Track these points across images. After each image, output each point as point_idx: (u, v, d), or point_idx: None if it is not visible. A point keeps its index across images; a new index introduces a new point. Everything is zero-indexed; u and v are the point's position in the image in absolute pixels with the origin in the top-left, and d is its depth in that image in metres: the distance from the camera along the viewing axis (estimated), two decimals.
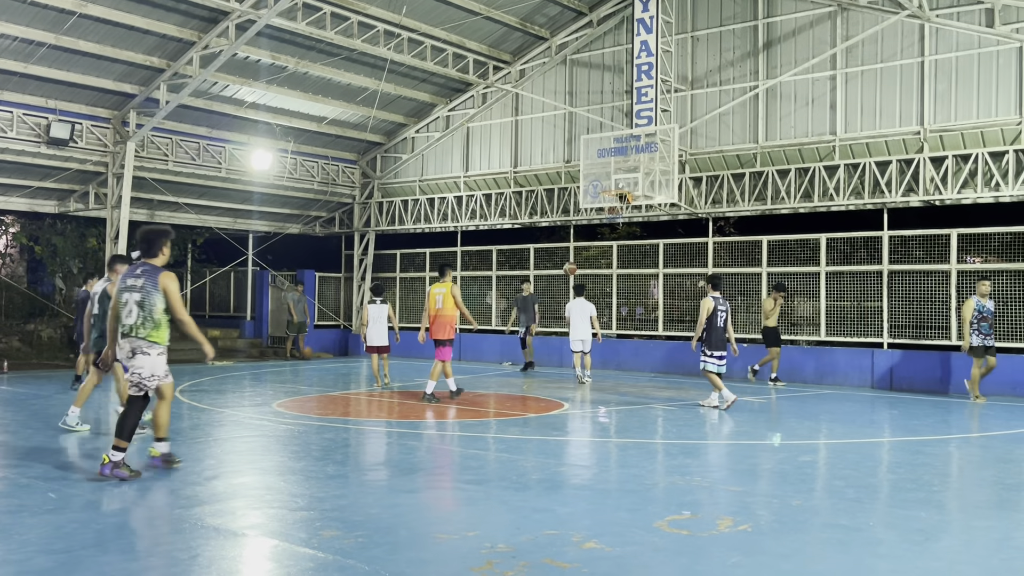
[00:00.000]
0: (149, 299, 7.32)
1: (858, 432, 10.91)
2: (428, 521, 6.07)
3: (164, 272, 7.42)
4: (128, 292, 7.37)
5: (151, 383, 7.44)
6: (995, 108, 15.46)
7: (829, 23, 17.16)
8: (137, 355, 7.34)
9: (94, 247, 23.12)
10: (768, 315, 16.47)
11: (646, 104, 17.84)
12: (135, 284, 7.37)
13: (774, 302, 16.46)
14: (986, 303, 13.98)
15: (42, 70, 16.84)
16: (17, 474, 7.47)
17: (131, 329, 7.33)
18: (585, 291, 17.05)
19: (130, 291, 7.36)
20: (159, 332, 7.39)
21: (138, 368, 7.37)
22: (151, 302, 7.32)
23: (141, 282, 7.35)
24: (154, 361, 7.40)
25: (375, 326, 15.14)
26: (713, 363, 12.54)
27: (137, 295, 7.34)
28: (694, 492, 7.14)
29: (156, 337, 7.37)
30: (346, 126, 22.14)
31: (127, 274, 7.52)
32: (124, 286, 7.41)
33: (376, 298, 15.36)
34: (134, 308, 7.33)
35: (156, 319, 7.35)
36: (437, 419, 11.49)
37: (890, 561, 5.23)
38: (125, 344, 7.38)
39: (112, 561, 5.10)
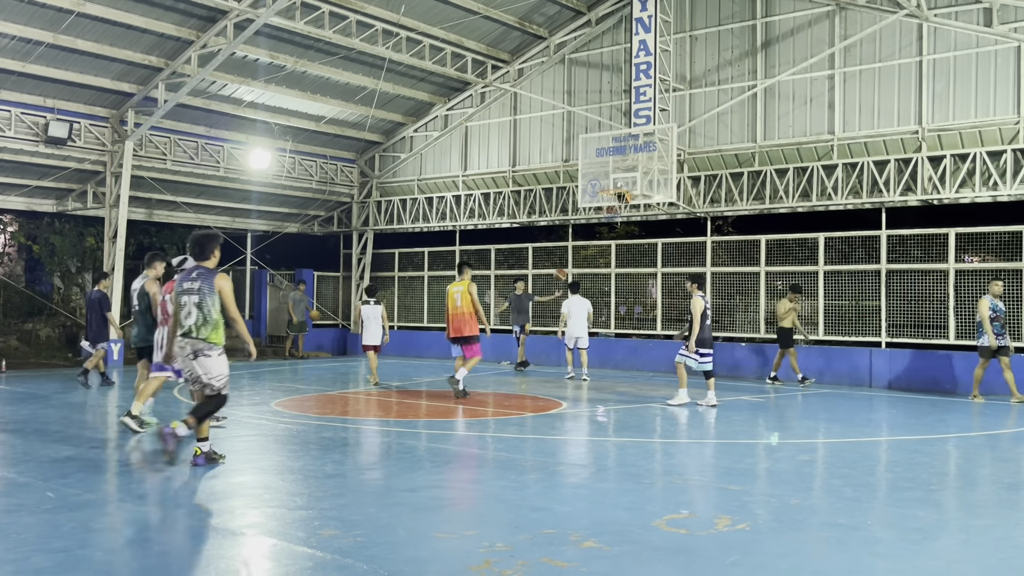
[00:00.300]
0: (206, 301, 7.60)
1: (856, 431, 10.92)
2: (427, 520, 6.07)
3: (219, 274, 7.70)
4: (186, 295, 7.65)
5: (218, 382, 7.69)
6: (993, 107, 15.48)
7: (827, 22, 17.17)
8: (200, 357, 7.62)
9: (92, 246, 23.10)
10: (783, 317, 16.10)
11: (644, 103, 17.84)
12: (192, 287, 7.65)
13: (789, 303, 16.14)
14: (998, 303, 13.83)
15: (40, 69, 16.83)
16: (15, 473, 7.47)
17: (192, 330, 7.61)
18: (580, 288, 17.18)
19: (188, 294, 7.65)
20: (217, 333, 7.68)
21: (206, 368, 7.64)
22: (208, 304, 7.60)
23: (198, 285, 7.63)
24: (216, 361, 7.67)
25: (369, 325, 15.38)
26: (695, 360, 12.52)
27: (195, 297, 7.61)
28: (692, 491, 7.14)
29: (215, 338, 7.65)
30: (344, 125, 22.14)
31: (183, 277, 7.78)
32: (181, 289, 7.70)
33: (370, 299, 15.59)
34: (193, 310, 7.60)
35: (214, 320, 7.63)
36: (436, 418, 11.49)
37: (888, 560, 5.24)
38: (187, 346, 7.63)
39: (110, 560, 5.10)
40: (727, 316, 18.65)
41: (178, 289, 7.74)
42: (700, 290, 12.84)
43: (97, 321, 14.66)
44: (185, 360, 7.71)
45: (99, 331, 14.65)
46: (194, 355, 7.60)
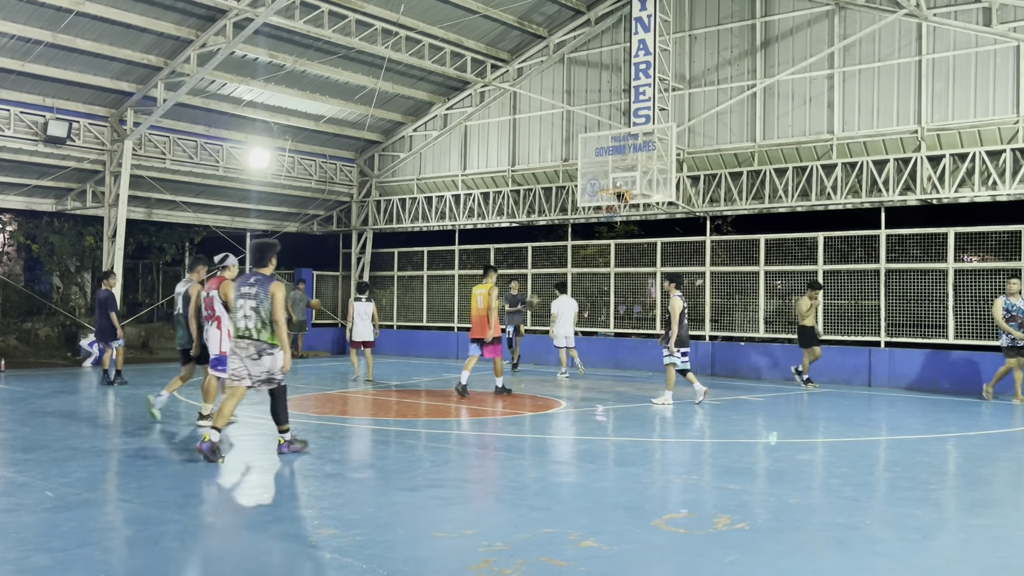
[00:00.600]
0: (263, 305, 7.98)
1: (855, 430, 10.92)
2: (426, 519, 6.07)
3: (275, 281, 8.12)
4: (244, 299, 8.07)
5: (279, 377, 8.18)
6: (992, 107, 15.48)
7: (827, 22, 17.17)
8: (263, 356, 8.06)
9: (91, 245, 23.09)
10: (804, 315, 15.66)
11: (644, 103, 17.84)
12: (250, 292, 8.06)
13: (809, 301, 15.68)
14: (1016, 302, 13.55)
15: (39, 68, 16.82)
16: (15, 472, 7.46)
17: (252, 332, 8.03)
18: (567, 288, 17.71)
19: (245, 298, 8.06)
20: (272, 334, 8.07)
21: (267, 367, 8.08)
22: (265, 307, 7.98)
23: (255, 290, 8.04)
24: (276, 359, 8.10)
25: (360, 322, 15.73)
26: (680, 360, 12.64)
27: (252, 301, 8.02)
28: (691, 490, 7.15)
29: (274, 339, 8.06)
30: (344, 124, 22.13)
31: (241, 282, 8.19)
32: (240, 293, 8.12)
33: (360, 296, 15.96)
34: (250, 313, 8.02)
35: (271, 323, 8.02)
36: (435, 418, 11.49)
37: (888, 559, 5.24)
38: (249, 347, 8.05)
39: (109, 559, 5.10)
40: (727, 316, 18.66)
41: (236, 293, 8.17)
42: (678, 290, 12.87)
43: (103, 320, 14.89)
44: (246, 360, 8.07)
45: (108, 330, 14.84)
46: (258, 355, 8.06)
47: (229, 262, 9.94)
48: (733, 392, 15.00)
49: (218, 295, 9.74)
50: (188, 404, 12.28)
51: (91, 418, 11.48)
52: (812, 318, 15.76)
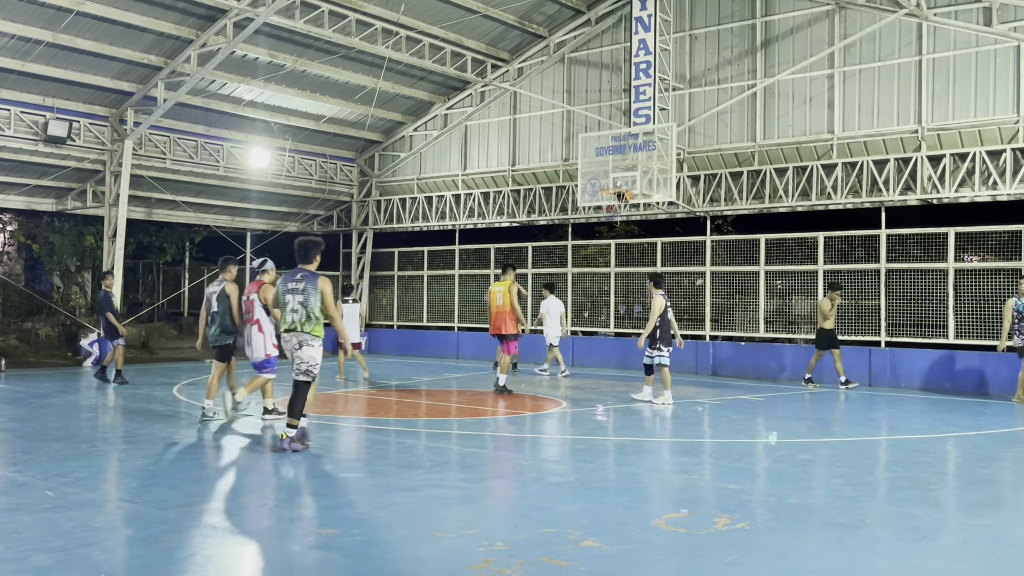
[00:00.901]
0: (309, 300, 8.36)
1: (855, 430, 10.92)
2: (426, 519, 6.07)
3: (321, 276, 8.47)
4: (290, 294, 8.44)
5: (315, 370, 8.52)
6: (992, 107, 15.48)
7: (827, 22, 17.17)
8: (303, 347, 8.41)
9: (92, 245, 23.09)
10: (827, 316, 15.35)
11: (644, 102, 17.83)
12: (296, 287, 8.44)
13: (831, 302, 15.39)
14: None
15: (39, 68, 16.82)
16: (15, 472, 7.47)
17: (296, 325, 8.42)
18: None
19: (292, 293, 8.43)
20: (318, 327, 8.46)
21: (305, 358, 8.44)
22: (311, 302, 8.36)
23: (302, 285, 8.40)
24: (316, 351, 8.47)
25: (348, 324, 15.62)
26: (666, 358, 12.71)
27: (300, 296, 8.39)
28: (691, 490, 7.15)
29: (317, 331, 8.44)
30: (344, 124, 22.13)
31: (287, 278, 8.53)
32: (286, 288, 8.48)
33: (347, 297, 16.33)
34: (298, 307, 8.40)
35: (316, 316, 8.40)
36: (435, 418, 11.49)
37: (888, 559, 5.24)
38: (292, 338, 8.44)
39: (109, 559, 5.10)
40: (727, 315, 18.66)
41: (282, 288, 8.51)
42: (659, 289, 12.93)
43: (104, 320, 15.04)
44: (291, 351, 8.52)
45: (108, 329, 14.99)
46: (299, 345, 8.43)
47: (268, 266, 10.43)
48: (733, 392, 15.00)
49: (258, 298, 10.20)
50: (188, 403, 12.28)
51: (91, 418, 11.49)
52: (833, 320, 15.49)
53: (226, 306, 10.49)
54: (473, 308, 22.48)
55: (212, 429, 10.10)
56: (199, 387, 14.49)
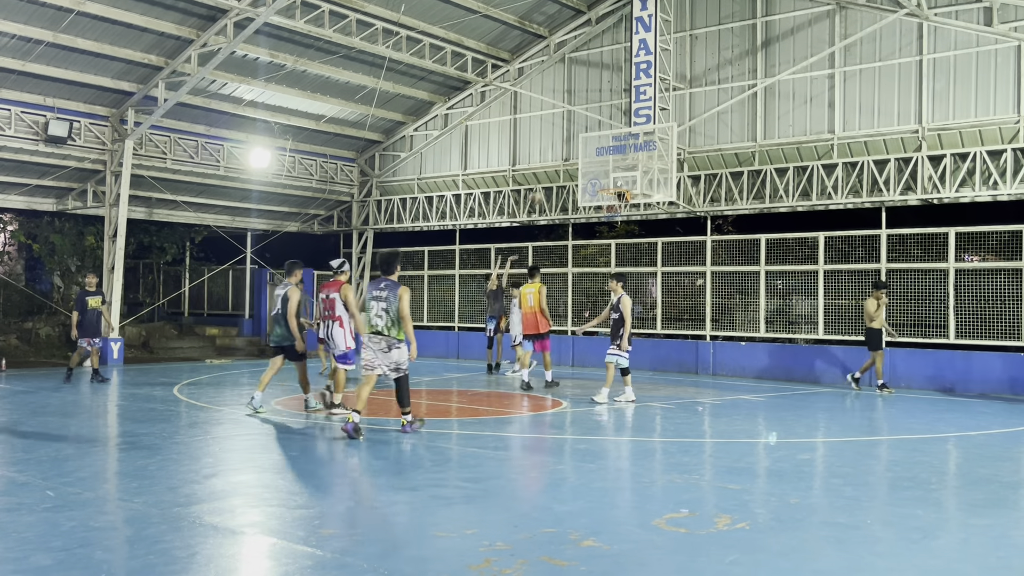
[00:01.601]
0: (392, 306, 9.33)
1: (855, 430, 10.92)
2: (426, 519, 6.07)
3: (402, 285, 9.47)
4: (375, 300, 9.44)
5: (404, 367, 9.55)
6: (993, 107, 15.48)
7: (827, 21, 17.17)
8: (392, 350, 9.46)
9: (92, 245, 23.10)
10: (873, 316, 14.81)
11: (644, 102, 17.83)
12: (380, 295, 9.42)
13: (877, 302, 14.87)
14: None
15: (40, 68, 16.83)
16: (16, 472, 7.47)
17: (383, 329, 9.41)
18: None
19: (376, 300, 9.43)
20: (400, 330, 9.42)
21: (395, 359, 9.49)
22: (394, 308, 9.32)
23: (385, 293, 9.39)
24: (402, 353, 9.49)
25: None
26: (626, 359, 12.66)
27: (383, 303, 9.37)
28: (692, 490, 7.15)
29: (399, 335, 9.43)
30: (344, 124, 22.14)
31: (372, 286, 9.56)
32: (372, 296, 9.49)
33: None
34: (382, 313, 9.37)
35: (398, 321, 9.36)
36: (435, 418, 11.49)
37: (888, 559, 5.24)
38: (381, 341, 9.44)
39: (110, 559, 5.10)
40: (727, 315, 18.66)
41: (369, 295, 9.54)
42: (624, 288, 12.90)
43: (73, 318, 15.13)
44: (378, 352, 9.47)
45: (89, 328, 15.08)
46: (388, 348, 9.44)
47: (345, 267, 11.28)
48: (733, 392, 15.00)
49: (339, 297, 10.99)
50: (188, 403, 12.29)
51: (92, 418, 11.49)
52: (881, 320, 14.95)
53: (287, 309, 11.04)
54: (474, 308, 22.48)
55: (213, 431, 10.09)
56: (199, 387, 14.50)
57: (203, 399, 12.83)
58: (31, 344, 21.32)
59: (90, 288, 15.17)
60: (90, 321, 14.91)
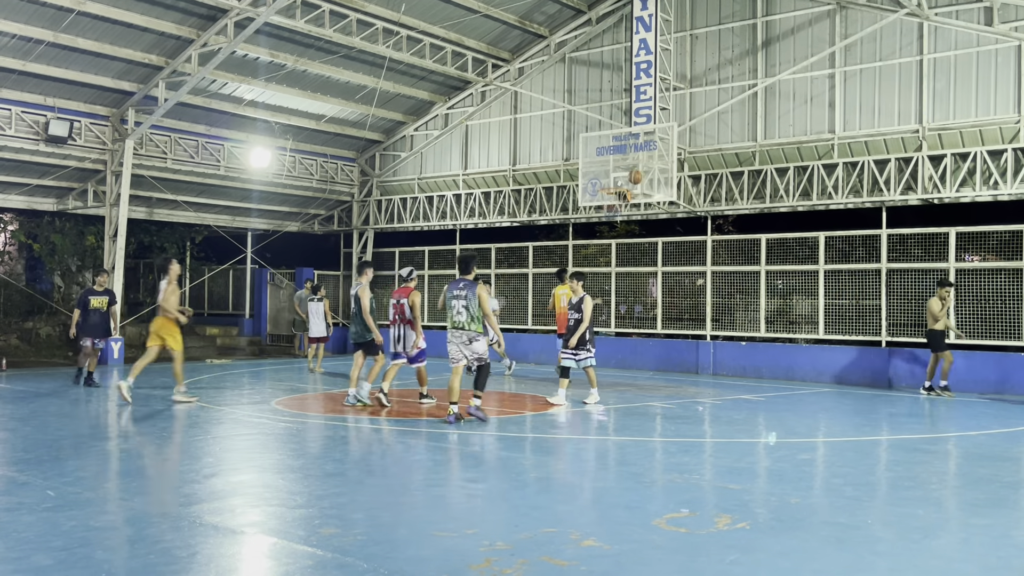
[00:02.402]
0: (471, 304, 10.38)
1: (856, 430, 10.92)
2: (427, 519, 6.07)
3: (479, 284, 10.54)
4: (455, 299, 10.48)
5: (485, 357, 10.58)
6: (993, 106, 15.47)
7: (828, 21, 17.16)
8: (473, 342, 10.48)
9: (93, 245, 23.10)
10: (937, 316, 14.24)
11: (645, 102, 17.83)
12: (460, 294, 10.45)
13: (941, 301, 14.28)
14: None
15: (40, 67, 16.83)
16: (16, 472, 7.47)
17: (464, 324, 10.45)
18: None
19: (457, 299, 10.47)
20: (479, 325, 10.46)
21: (477, 350, 10.51)
22: (473, 306, 10.37)
23: (464, 292, 10.43)
24: (482, 344, 10.53)
25: (315, 320, 17.76)
26: (593, 358, 12.46)
27: (463, 301, 10.43)
28: (692, 490, 7.14)
29: (479, 328, 10.47)
30: (345, 124, 22.14)
31: (452, 286, 10.59)
32: (452, 295, 10.53)
33: (314, 296, 18.00)
34: (462, 310, 10.44)
35: (477, 316, 10.41)
36: (436, 417, 11.49)
37: (888, 559, 5.23)
38: (461, 335, 10.49)
39: (110, 559, 5.10)
40: (727, 315, 18.66)
41: (449, 295, 10.58)
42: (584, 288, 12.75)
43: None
44: (460, 345, 10.52)
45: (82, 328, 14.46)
46: (468, 341, 10.48)
47: (414, 275, 12.33)
48: (734, 392, 15.00)
49: (407, 303, 11.86)
50: (189, 403, 12.29)
51: (92, 417, 11.49)
52: (944, 320, 14.38)
53: (360, 307, 11.88)
54: None
55: (213, 431, 10.10)
56: (199, 387, 14.50)
57: (204, 398, 12.83)
58: (31, 344, 21.32)
59: (98, 288, 14.70)
60: (93, 321, 14.44)
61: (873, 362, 16.43)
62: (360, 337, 11.96)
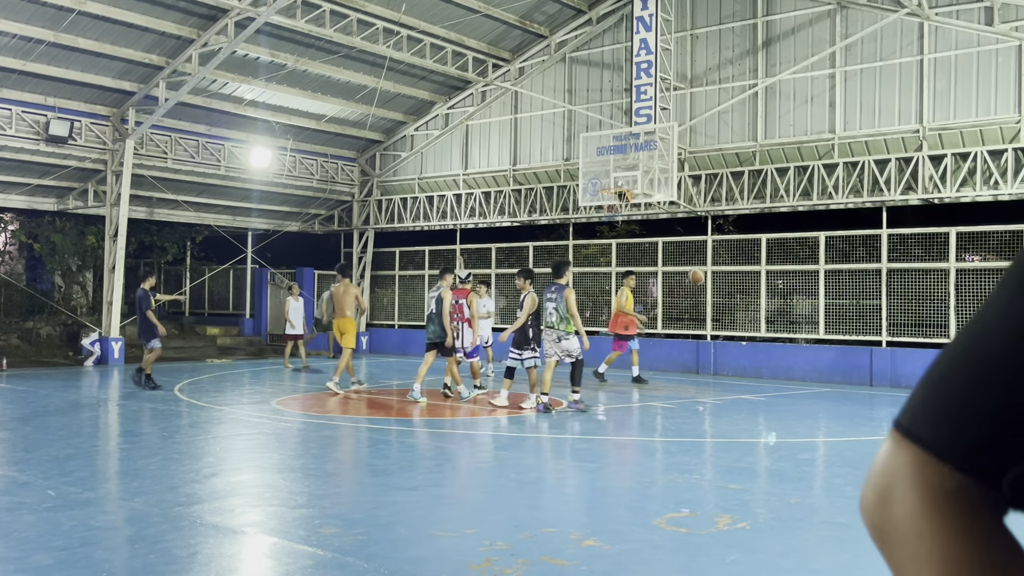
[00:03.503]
0: (560, 306, 11.41)
1: (856, 430, 10.92)
2: (427, 519, 6.07)
3: (567, 288, 11.50)
4: (549, 302, 11.60)
5: (575, 354, 11.49)
6: (994, 106, 15.47)
7: (828, 21, 17.16)
8: (562, 340, 11.46)
9: (93, 244, 23.10)
10: None
11: (645, 102, 17.83)
12: (552, 297, 11.56)
13: None
14: None
15: (41, 67, 16.83)
16: (16, 471, 7.47)
17: (555, 324, 11.51)
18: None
19: (550, 301, 11.59)
20: (569, 325, 11.42)
21: (566, 348, 11.48)
22: (561, 308, 11.39)
23: (555, 295, 11.53)
24: (572, 342, 11.46)
25: (295, 319, 18.41)
26: (538, 358, 11.97)
27: (554, 303, 11.51)
28: (693, 490, 7.15)
29: (569, 328, 11.43)
30: (345, 124, 22.14)
31: (547, 290, 11.75)
32: (547, 298, 11.65)
33: (290, 295, 18.82)
34: (553, 311, 11.51)
35: (566, 317, 11.37)
36: (436, 417, 11.50)
37: None
38: (552, 334, 11.54)
39: (111, 559, 5.10)
40: (728, 315, 18.65)
41: (545, 298, 11.69)
42: (533, 286, 12.18)
43: (140, 320, 14.05)
44: (552, 343, 11.54)
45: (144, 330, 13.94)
46: (558, 339, 11.48)
47: (471, 278, 13.96)
48: (734, 391, 14.99)
49: (465, 303, 13.12)
50: (189, 402, 12.29)
51: (93, 417, 11.50)
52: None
53: (441, 308, 12.65)
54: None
55: (214, 431, 10.10)
56: (200, 386, 14.51)
57: (204, 399, 12.83)
58: (32, 344, 21.32)
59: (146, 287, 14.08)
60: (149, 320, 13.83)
61: (873, 362, 16.43)
62: (437, 337, 12.63)
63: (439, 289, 12.69)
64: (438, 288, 12.73)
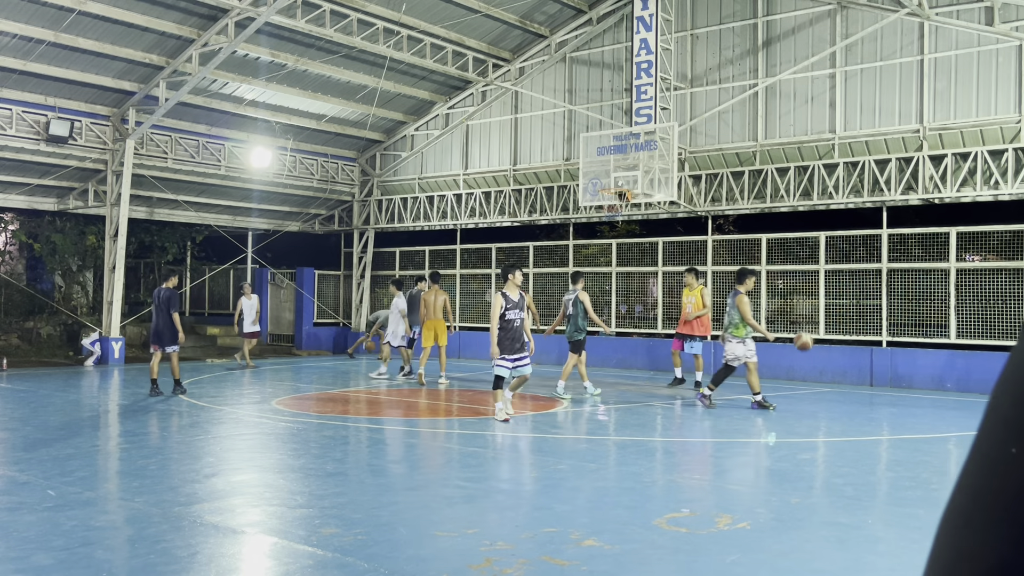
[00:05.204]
0: (732, 311, 12.10)
1: (856, 430, 10.92)
2: (427, 519, 6.07)
3: (739, 295, 12.06)
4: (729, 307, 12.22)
5: (729, 358, 12.14)
6: (994, 106, 15.46)
7: (829, 21, 17.15)
8: (726, 343, 12.19)
9: (93, 244, 23.11)
10: None
11: (645, 102, 17.82)
12: (730, 302, 12.18)
13: None
14: None
15: (41, 67, 16.83)
16: (16, 471, 7.47)
17: (722, 328, 12.38)
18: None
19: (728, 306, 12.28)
20: (738, 330, 12.04)
21: (729, 350, 12.13)
22: (732, 313, 12.10)
23: (730, 300, 12.20)
24: (733, 346, 12.07)
25: (249, 316, 18.64)
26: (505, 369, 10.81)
27: (727, 308, 12.20)
28: (693, 490, 7.14)
29: (737, 333, 12.06)
30: (345, 124, 22.14)
31: (731, 296, 12.26)
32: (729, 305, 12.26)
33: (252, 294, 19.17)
34: (725, 317, 12.26)
35: (736, 322, 12.06)
36: (436, 417, 11.50)
37: (889, 559, 5.23)
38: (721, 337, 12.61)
39: (111, 558, 5.10)
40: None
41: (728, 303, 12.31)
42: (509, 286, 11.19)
43: (164, 322, 13.09)
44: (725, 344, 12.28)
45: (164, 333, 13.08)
46: (723, 342, 12.31)
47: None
48: (734, 392, 14.99)
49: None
50: (189, 402, 12.29)
51: (93, 417, 11.50)
52: None
53: (580, 309, 13.36)
54: (474, 308, 22.47)
55: (214, 430, 10.11)
56: (200, 386, 14.50)
57: (204, 398, 12.83)
58: (32, 344, 21.33)
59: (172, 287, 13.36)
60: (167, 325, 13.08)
61: (874, 362, 16.43)
62: (573, 336, 13.40)
63: (574, 292, 13.56)
64: (573, 292, 13.61)
